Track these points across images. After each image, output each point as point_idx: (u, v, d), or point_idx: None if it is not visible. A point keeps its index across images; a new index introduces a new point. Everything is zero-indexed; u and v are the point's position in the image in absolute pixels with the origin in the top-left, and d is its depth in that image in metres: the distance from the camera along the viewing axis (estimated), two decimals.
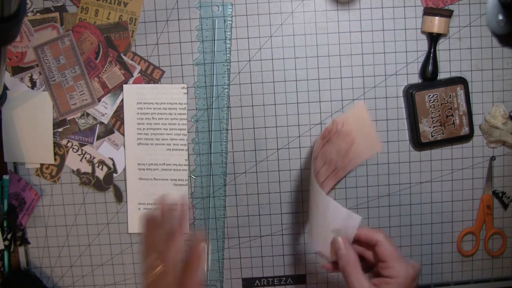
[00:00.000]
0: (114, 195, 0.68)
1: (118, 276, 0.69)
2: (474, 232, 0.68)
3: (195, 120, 0.66)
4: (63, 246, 0.69)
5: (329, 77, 0.66)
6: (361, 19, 0.65)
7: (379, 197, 0.67)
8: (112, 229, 0.69)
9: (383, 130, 0.66)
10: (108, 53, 0.65)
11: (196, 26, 0.65)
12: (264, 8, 0.65)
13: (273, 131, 0.66)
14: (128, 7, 0.65)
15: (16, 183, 0.67)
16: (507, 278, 0.69)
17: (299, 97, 0.66)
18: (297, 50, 0.65)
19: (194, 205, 0.67)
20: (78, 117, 0.67)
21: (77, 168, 0.68)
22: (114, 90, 0.66)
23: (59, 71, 0.66)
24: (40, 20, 0.65)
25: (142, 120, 0.66)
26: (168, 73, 0.66)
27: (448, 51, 0.65)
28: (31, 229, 0.69)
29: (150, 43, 0.66)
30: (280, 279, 0.69)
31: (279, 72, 0.66)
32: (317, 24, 0.65)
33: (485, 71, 0.66)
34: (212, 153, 0.67)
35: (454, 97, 0.64)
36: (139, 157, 0.67)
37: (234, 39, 0.65)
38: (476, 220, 0.68)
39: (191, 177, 0.67)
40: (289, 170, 0.67)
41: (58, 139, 0.67)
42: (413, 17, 0.65)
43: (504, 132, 0.65)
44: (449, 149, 0.67)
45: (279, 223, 0.68)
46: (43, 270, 0.70)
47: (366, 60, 0.65)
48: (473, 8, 0.64)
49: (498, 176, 0.67)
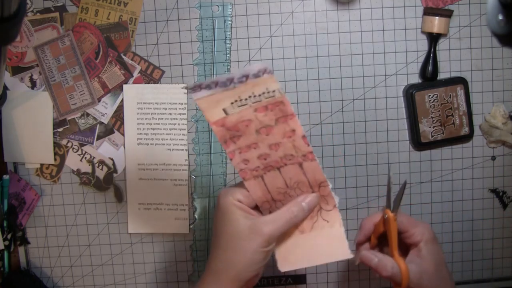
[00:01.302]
0: (114, 195, 0.68)
1: (118, 276, 0.69)
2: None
3: (195, 120, 0.66)
4: (63, 246, 0.69)
5: (329, 77, 0.66)
6: (361, 19, 0.65)
7: (379, 197, 0.67)
8: (112, 229, 0.69)
9: (383, 130, 0.66)
10: (108, 53, 0.65)
11: (196, 26, 0.65)
12: (264, 8, 0.65)
13: None
14: (128, 7, 0.65)
15: (16, 183, 0.67)
16: (507, 278, 0.69)
17: (299, 97, 0.66)
18: (297, 50, 0.65)
19: (194, 205, 0.67)
20: (78, 117, 0.67)
21: (77, 168, 0.68)
22: (114, 90, 0.66)
23: (59, 71, 0.66)
24: (40, 20, 0.65)
25: (142, 120, 0.66)
26: (168, 73, 0.66)
27: (448, 51, 0.65)
28: (31, 229, 0.69)
29: (150, 43, 0.66)
30: (280, 279, 0.69)
31: (279, 72, 0.66)
32: (317, 24, 0.65)
33: (485, 71, 0.66)
34: (212, 153, 0.67)
35: (454, 97, 0.64)
36: (139, 157, 0.67)
37: (234, 39, 0.65)
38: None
39: (191, 177, 0.67)
40: None
41: (58, 139, 0.67)
42: (413, 17, 0.65)
43: (504, 132, 0.65)
44: (449, 149, 0.67)
45: None
46: (43, 270, 0.70)
47: (366, 60, 0.65)
48: (473, 8, 0.64)
49: (498, 176, 0.67)
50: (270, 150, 0.44)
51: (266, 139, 0.43)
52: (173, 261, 0.69)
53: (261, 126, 0.43)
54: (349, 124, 0.66)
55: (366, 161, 0.67)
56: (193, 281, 0.69)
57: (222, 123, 0.43)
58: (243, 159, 0.44)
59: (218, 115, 0.42)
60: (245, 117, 0.42)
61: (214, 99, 0.41)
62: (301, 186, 0.46)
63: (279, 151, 0.44)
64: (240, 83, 0.40)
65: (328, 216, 0.46)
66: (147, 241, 0.69)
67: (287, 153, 0.44)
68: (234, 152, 0.44)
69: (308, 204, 0.45)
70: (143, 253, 0.69)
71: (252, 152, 0.44)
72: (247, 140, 0.43)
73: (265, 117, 0.42)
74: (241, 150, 0.44)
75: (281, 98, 0.41)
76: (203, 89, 0.41)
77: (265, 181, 0.45)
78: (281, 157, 0.44)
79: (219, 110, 0.42)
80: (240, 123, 0.43)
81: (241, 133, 0.43)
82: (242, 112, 0.42)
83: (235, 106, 0.42)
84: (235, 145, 0.44)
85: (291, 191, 0.46)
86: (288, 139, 0.43)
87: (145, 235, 0.68)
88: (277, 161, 0.44)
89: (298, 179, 0.45)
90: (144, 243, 0.69)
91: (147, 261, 0.69)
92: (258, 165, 0.44)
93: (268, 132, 0.43)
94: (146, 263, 0.69)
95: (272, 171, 0.45)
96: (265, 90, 0.41)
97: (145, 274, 0.69)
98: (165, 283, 0.69)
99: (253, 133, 0.43)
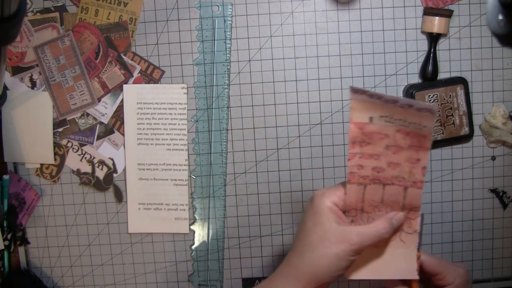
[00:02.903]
0: (114, 195, 0.68)
1: (118, 276, 0.69)
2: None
3: (195, 120, 0.66)
4: (63, 246, 0.69)
5: (329, 77, 0.66)
6: (361, 19, 0.65)
7: None
8: (112, 229, 0.69)
9: None
10: (108, 53, 0.65)
11: (196, 26, 0.65)
12: (264, 8, 0.65)
13: (273, 131, 0.66)
14: (128, 7, 0.65)
15: (16, 183, 0.67)
16: (507, 278, 0.69)
17: (299, 97, 0.66)
18: (297, 50, 0.65)
19: (194, 205, 0.67)
20: (78, 117, 0.67)
21: (77, 168, 0.68)
22: (114, 90, 0.66)
23: (59, 71, 0.66)
24: (40, 20, 0.65)
25: (142, 120, 0.66)
26: (168, 73, 0.66)
27: (448, 51, 0.65)
28: (31, 229, 0.69)
29: (150, 43, 0.66)
30: None
31: (279, 72, 0.66)
32: (317, 24, 0.65)
33: (485, 71, 0.66)
34: (212, 153, 0.67)
35: (454, 97, 0.64)
36: (139, 157, 0.67)
37: (234, 39, 0.65)
38: None
39: (191, 177, 0.67)
40: (289, 170, 0.67)
41: (58, 139, 0.67)
42: (413, 17, 0.65)
43: (504, 132, 0.65)
44: (449, 149, 0.67)
45: (279, 223, 0.68)
46: (43, 270, 0.70)
47: (366, 60, 0.65)
48: (473, 8, 0.64)
49: (498, 176, 0.67)
50: (388, 166, 0.45)
51: (389, 156, 0.45)
52: (173, 261, 0.69)
53: (393, 145, 0.45)
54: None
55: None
56: (193, 281, 0.69)
57: (361, 126, 0.44)
58: (358, 164, 0.46)
59: (362, 119, 0.44)
60: (384, 131, 0.44)
61: (367, 106, 0.43)
62: (394, 206, 0.47)
63: (395, 170, 0.45)
64: (401, 107, 0.42)
65: (406, 238, 0.47)
66: (147, 241, 0.69)
67: (401, 175, 0.45)
68: (356, 155, 0.45)
69: (397, 222, 0.46)
70: (143, 253, 0.69)
71: (371, 162, 0.45)
72: (372, 150, 0.45)
73: (402, 139, 0.44)
74: (362, 156, 0.45)
75: (426, 134, 0.43)
76: (364, 95, 0.42)
77: (365, 191, 0.46)
78: (393, 176, 0.46)
79: (365, 115, 0.44)
80: (377, 134, 0.44)
81: (371, 142, 0.45)
82: (385, 126, 0.44)
83: (382, 120, 0.44)
84: (360, 149, 0.45)
85: (382, 207, 0.47)
86: (409, 164, 0.45)
87: (145, 235, 0.68)
88: (387, 178, 0.46)
89: (395, 199, 0.46)
90: (144, 243, 0.69)
91: (147, 261, 0.69)
92: (369, 174, 0.46)
93: (396, 151, 0.45)
94: (146, 263, 0.69)
95: (376, 184, 0.46)
96: (417, 122, 0.42)
97: (145, 274, 0.69)
98: (165, 283, 0.69)
99: (382, 146, 0.45)
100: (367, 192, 0.46)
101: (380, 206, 0.47)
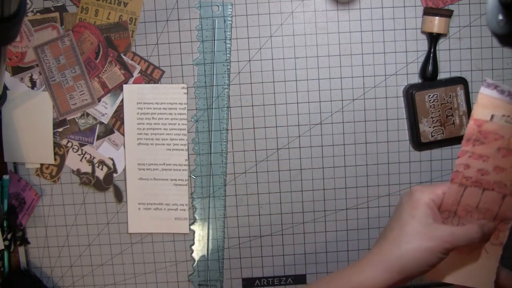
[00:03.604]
0: (114, 195, 0.68)
1: (118, 276, 0.69)
2: None
3: (195, 120, 0.66)
4: (63, 246, 0.69)
5: (329, 77, 0.66)
6: (361, 19, 0.65)
7: (379, 197, 0.67)
8: (112, 229, 0.69)
9: (383, 130, 0.66)
10: (108, 53, 0.65)
11: (196, 26, 0.65)
12: (264, 8, 0.65)
13: (273, 131, 0.66)
14: (128, 7, 0.65)
15: (16, 183, 0.67)
16: None
17: (299, 97, 0.66)
18: (297, 50, 0.65)
19: (194, 205, 0.67)
20: (78, 117, 0.67)
21: (77, 168, 0.68)
22: (114, 90, 0.66)
23: (59, 71, 0.66)
24: (40, 20, 0.65)
25: (142, 120, 0.66)
26: (168, 73, 0.66)
27: (448, 51, 0.65)
28: (31, 229, 0.69)
29: (150, 43, 0.66)
30: (280, 279, 0.69)
31: (279, 72, 0.66)
32: (317, 24, 0.65)
33: (485, 71, 0.66)
34: (212, 153, 0.67)
35: (454, 97, 0.64)
36: (139, 157, 0.67)
37: (234, 39, 0.65)
38: None
39: (191, 177, 0.67)
40: (289, 170, 0.67)
41: (58, 139, 0.67)
42: (413, 17, 0.65)
43: None
44: (449, 149, 0.67)
45: (279, 223, 0.68)
46: (43, 270, 0.70)
47: (366, 60, 0.65)
48: (473, 8, 0.64)
49: None
50: (493, 170, 0.44)
51: (498, 160, 0.44)
52: (173, 261, 0.69)
53: (505, 147, 0.43)
54: (349, 124, 0.66)
55: (366, 161, 0.67)
56: (193, 281, 0.69)
57: (480, 123, 0.43)
58: (466, 164, 0.45)
59: (483, 116, 0.43)
60: (502, 132, 0.43)
61: (493, 103, 0.42)
62: (487, 214, 0.46)
63: (499, 175, 0.44)
64: None
65: (491, 249, 0.47)
66: (147, 241, 0.69)
67: (503, 181, 0.44)
68: (466, 153, 0.44)
69: (488, 231, 0.45)
70: (143, 253, 0.69)
71: (478, 163, 0.44)
72: (484, 150, 0.44)
73: None
74: (472, 155, 0.44)
75: None
76: (495, 90, 0.41)
77: (464, 192, 0.46)
78: (495, 181, 0.44)
79: (487, 112, 0.43)
80: (493, 134, 0.43)
81: (485, 142, 0.44)
82: (503, 127, 0.43)
83: (503, 119, 0.42)
84: (472, 148, 0.44)
85: (475, 213, 0.46)
86: None
87: (145, 235, 0.68)
88: (489, 182, 0.45)
89: (490, 207, 0.45)
90: (144, 243, 0.69)
91: (147, 261, 0.69)
92: (472, 176, 0.45)
93: (505, 155, 0.43)
94: (146, 263, 0.69)
95: (476, 187, 0.45)
96: None
97: (145, 274, 0.69)
98: (165, 283, 0.69)
99: (494, 148, 0.43)
100: (465, 195, 0.45)
101: (474, 212, 0.46)
